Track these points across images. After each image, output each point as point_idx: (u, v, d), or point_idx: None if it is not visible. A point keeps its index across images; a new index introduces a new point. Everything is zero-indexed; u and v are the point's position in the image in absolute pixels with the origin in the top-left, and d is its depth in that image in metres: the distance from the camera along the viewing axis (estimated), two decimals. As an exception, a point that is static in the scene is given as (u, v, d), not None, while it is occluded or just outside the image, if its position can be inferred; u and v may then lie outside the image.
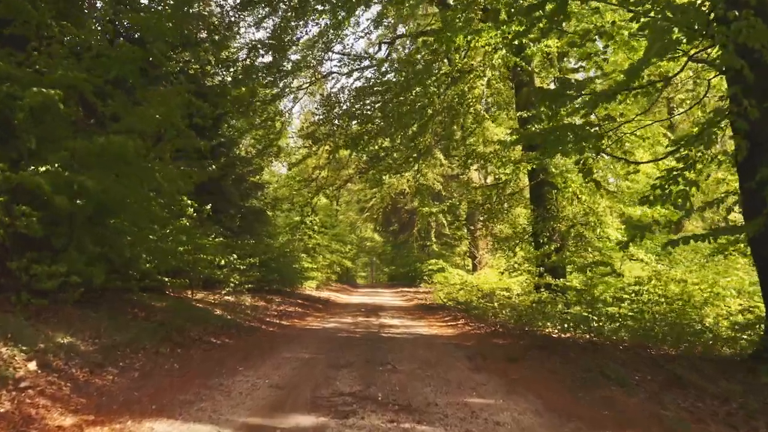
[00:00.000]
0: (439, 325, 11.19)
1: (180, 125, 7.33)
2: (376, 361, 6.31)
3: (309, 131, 14.10)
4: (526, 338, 8.56)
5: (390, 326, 10.60)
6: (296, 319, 11.66)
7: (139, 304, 8.51)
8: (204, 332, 7.99)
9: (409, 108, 13.02)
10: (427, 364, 6.26)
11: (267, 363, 6.15)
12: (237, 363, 6.12)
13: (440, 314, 13.56)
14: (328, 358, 6.56)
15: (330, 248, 24.14)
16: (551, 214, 12.72)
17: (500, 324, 10.55)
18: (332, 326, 10.45)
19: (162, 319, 7.97)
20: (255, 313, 11.20)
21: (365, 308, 15.26)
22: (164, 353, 6.34)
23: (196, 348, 6.96)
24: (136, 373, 5.42)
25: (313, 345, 7.72)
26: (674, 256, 14.39)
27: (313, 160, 20.66)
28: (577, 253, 11.60)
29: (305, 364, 6.14)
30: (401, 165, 15.32)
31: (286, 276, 17.22)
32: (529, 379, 5.55)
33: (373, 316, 12.72)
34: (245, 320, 10.01)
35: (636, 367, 6.32)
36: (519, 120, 13.54)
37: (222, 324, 8.97)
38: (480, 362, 6.44)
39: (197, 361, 6.24)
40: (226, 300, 12.12)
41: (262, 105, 15.77)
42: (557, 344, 7.93)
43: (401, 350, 7.28)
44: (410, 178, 20.12)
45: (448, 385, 5.19)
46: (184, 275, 11.17)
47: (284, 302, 14.40)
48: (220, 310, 10.45)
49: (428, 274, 22.90)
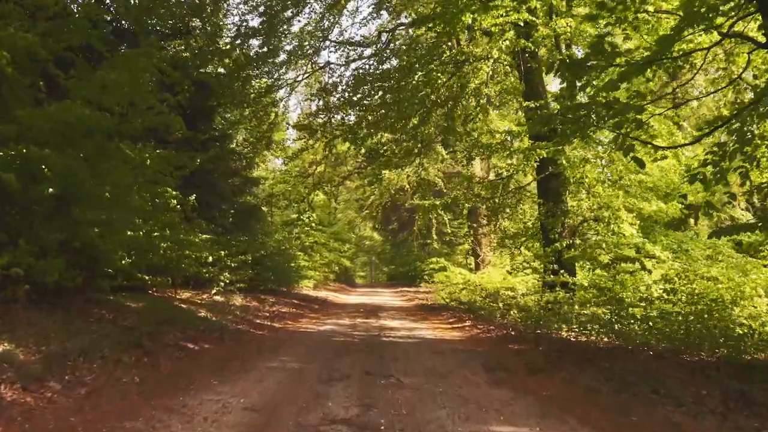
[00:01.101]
0: (444, 327, 10.10)
1: (150, 98, 6.23)
2: (377, 373, 5.23)
3: (305, 122, 13.01)
4: (543, 343, 7.49)
5: (391, 329, 9.51)
6: (289, 320, 10.57)
7: (109, 304, 7.42)
8: (181, 337, 6.89)
9: (411, 96, 11.96)
10: (437, 376, 5.18)
11: (247, 375, 5.06)
12: (212, 375, 5.03)
13: (443, 315, 12.48)
14: (321, 368, 5.47)
15: (328, 246, 23.03)
16: (561, 209, 11.70)
17: (511, 326, 9.48)
18: (328, 329, 9.36)
19: (133, 322, 6.87)
20: (244, 315, 10.10)
21: (364, 309, 14.17)
22: (126, 363, 5.24)
23: (168, 356, 5.86)
24: (84, 389, 4.32)
25: (304, 351, 6.63)
26: (691, 254, 13.34)
27: (309, 155, 19.58)
28: (591, 250, 10.51)
29: (293, 377, 5.05)
30: (402, 158, 14.26)
31: (282, 275, 16.12)
32: (564, 396, 4.47)
33: (373, 318, 11.64)
34: (232, 322, 8.92)
35: (682, 379, 5.27)
36: (525, 111, 12.53)
37: (205, 327, 7.88)
38: (499, 374, 5.36)
39: (165, 372, 5.15)
40: (214, 300, 11.03)
41: (257, 98, 14.71)
42: (580, 350, 6.88)
43: (405, 358, 6.20)
44: (410, 174, 19.06)
45: (465, 405, 4.11)
46: (168, 273, 10.12)
47: (278, 302, 13.31)
48: (206, 311, 9.35)
49: (429, 274, 21.80)
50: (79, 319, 6.17)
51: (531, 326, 9.30)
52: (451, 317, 11.88)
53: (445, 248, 26.50)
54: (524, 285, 15.80)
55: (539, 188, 12.45)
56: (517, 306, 14.19)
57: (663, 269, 9.82)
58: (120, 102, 6.02)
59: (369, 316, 12.09)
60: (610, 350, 6.92)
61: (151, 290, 10.12)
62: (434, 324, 10.69)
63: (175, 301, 9.74)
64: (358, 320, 10.93)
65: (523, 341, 7.74)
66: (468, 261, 20.64)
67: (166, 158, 7.53)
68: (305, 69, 15.50)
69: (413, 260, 27.03)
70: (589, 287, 9.72)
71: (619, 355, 6.59)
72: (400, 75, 11.06)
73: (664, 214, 13.27)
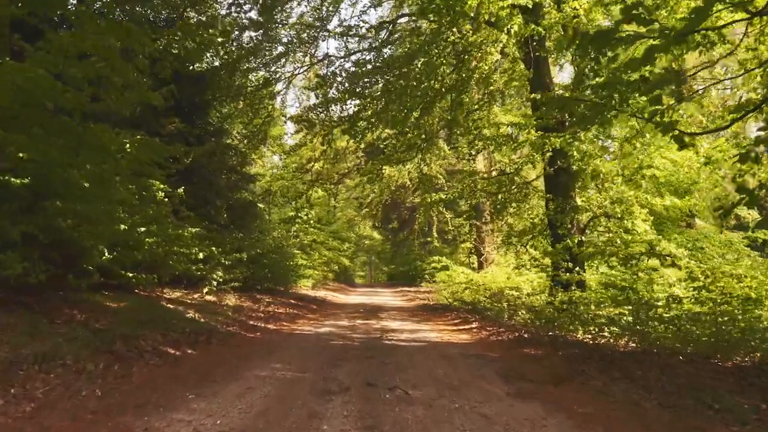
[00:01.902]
0: (450, 329, 9.34)
1: (125, 70, 5.46)
2: (381, 383, 4.47)
3: (303, 115, 12.25)
4: (561, 346, 6.75)
5: (393, 331, 8.75)
6: (285, 322, 9.80)
7: (85, 304, 6.66)
8: (163, 340, 6.12)
9: (413, 85, 11.21)
10: (450, 387, 4.42)
11: (230, 387, 4.29)
12: (190, 386, 4.27)
13: (447, 316, 11.73)
14: (316, 378, 4.71)
15: (327, 245, 22.25)
16: (570, 205, 10.98)
17: (521, 328, 8.73)
18: (326, 331, 8.60)
19: (109, 323, 6.11)
20: (237, 316, 9.34)
21: (364, 309, 13.40)
22: (91, 372, 4.48)
23: (143, 363, 5.09)
24: (31, 404, 3.56)
25: (299, 357, 5.87)
26: (707, 252, 12.60)
27: (308, 151, 18.82)
28: (605, 246, 9.76)
29: (283, 390, 4.29)
30: (404, 152, 13.51)
31: (279, 274, 15.34)
32: (603, 413, 3.71)
33: (373, 319, 10.87)
34: (223, 324, 8.15)
35: (729, 388, 4.54)
36: (532, 104, 11.80)
37: (191, 329, 7.11)
38: (521, 384, 4.60)
39: (136, 383, 4.38)
40: (206, 300, 10.26)
41: (254, 91, 13.97)
42: (602, 355, 6.13)
43: (412, 365, 5.43)
44: (412, 170, 18.32)
45: (489, 426, 3.36)
46: (155, 271, 9.36)
47: (275, 302, 12.55)
48: (195, 311, 8.59)
49: (430, 273, 21.06)
50: (45, 320, 5.41)
51: (543, 328, 8.56)
52: (455, 318, 11.12)
53: (446, 247, 25.75)
54: (529, 284, 15.10)
55: (547, 183, 11.75)
56: (523, 306, 13.48)
57: (681, 267, 9.11)
58: (88, 75, 5.25)
59: (369, 316, 11.33)
60: (634, 354, 6.19)
61: (138, 289, 9.37)
62: (438, 325, 9.93)
63: (162, 300, 8.98)
64: (357, 321, 10.17)
65: (539, 345, 6.98)
66: (471, 260, 19.88)
67: (149, 145, 6.76)
68: (303, 61, 14.78)
69: (413, 259, 26.26)
70: (604, 286, 8.98)
71: (646, 360, 5.86)
72: (402, 62, 10.31)
73: (678, 210, 12.53)
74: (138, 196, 8.87)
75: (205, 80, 13.70)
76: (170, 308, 8.41)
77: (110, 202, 7.38)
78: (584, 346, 6.96)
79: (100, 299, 7.42)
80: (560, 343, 7.11)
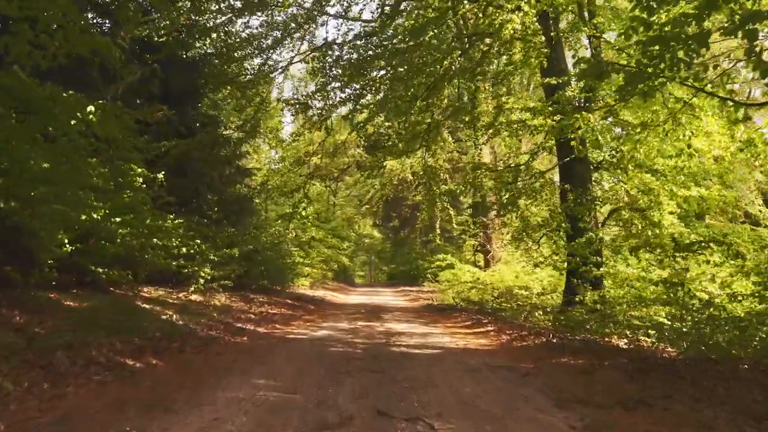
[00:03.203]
0: (463, 332, 8.11)
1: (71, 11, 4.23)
2: (396, 411, 3.24)
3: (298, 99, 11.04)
4: (602, 354, 5.53)
5: (400, 334, 7.51)
6: (279, 324, 8.55)
7: (30, 303, 5.42)
8: (122, 348, 4.88)
9: (420, 63, 10.02)
10: (488, 417, 3.19)
11: (190, 417, 3.06)
12: (131, 418, 3.03)
13: (457, 317, 10.49)
14: (309, 401, 3.48)
15: (326, 243, 20.98)
16: (588, 196, 9.82)
17: (544, 331, 7.50)
18: (324, 335, 7.36)
19: (57, 327, 4.87)
20: (223, 317, 8.09)
21: (365, 310, 12.16)
22: (7, 393, 3.24)
23: (85, 379, 3.85)
24: None
25: (289, 370, 4.63)
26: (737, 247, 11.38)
27: (305, 144, 17.60)
28: (643, 239, 8.55)
29: (262, 422, 3.05)
30: (409, 142, 12.30)
31: (275, 272, 14.10)
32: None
33: (376, 320, 9.63)
34: (205, 327, 6.90)
35: None
36: (546, 90, 10.66)
37: (164, 334, 5.87)
38: (582, 411, 3.37)
39: (58, 411, 3.14)
40: (190, 300, 9.02)
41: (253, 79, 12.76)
42: (658, 365, 4.92)
43: (430, 381, 4.20)
44: (414, 164, 17.10)
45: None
46: (132, 266, 8.14)
47: (269, 302, 11.30)
48: (175, 312, 7.34)
49: (433, 272, 19.81)
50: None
51: (569, 331, 7.36)
52: (466, 319, 9.89)
53: (447, 245, 24.51)
54: (539, 283, 13.93)
55: (562, 174, 10.58)
56: (534, 306, 12.30)
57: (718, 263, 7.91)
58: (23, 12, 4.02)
59: (371, 318, 10.08)
60: (695, 364, 4.97)
61: (114, 287, 8.14)
62: (450, 328, 8.69)
63: (139, 300, 7.73)
64: (359, 323, 8.92)
65: (574, 352, 5.76)
66: (476, 258, 18.64)
67: (113, 111, 5.52)
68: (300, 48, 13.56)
69: (415, 258, 24.99)
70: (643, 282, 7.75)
71: (712, 371, 4.68)
72: (408, 35, 9.10)
73: (705, 202, 11.29)
74: (114, 183, 7.70)
75: (197, 67, 12.51)
76: (145, 309, 7.16)
77: (74, 186, 6.21)
78: (628, 353, 5.75)
79: (60, 299, 6.18)
80: (598, 350, 5.90)
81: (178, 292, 9.38)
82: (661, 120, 7.07)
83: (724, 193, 10.81)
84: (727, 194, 11.04)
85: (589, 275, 8.07)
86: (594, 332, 7.10)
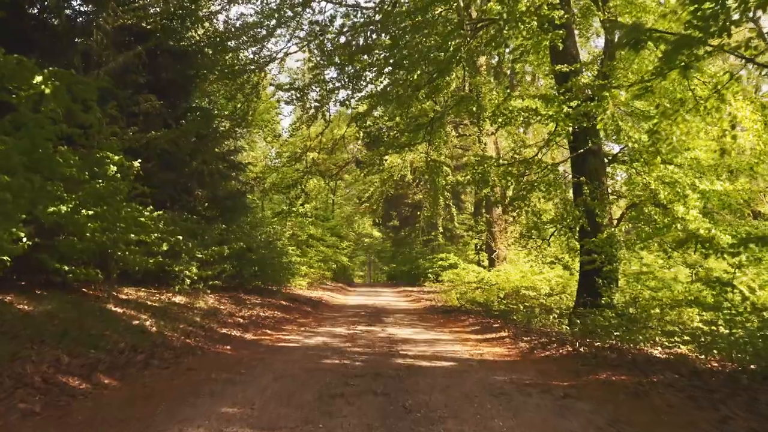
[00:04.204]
0: (475, 338, 7.15)
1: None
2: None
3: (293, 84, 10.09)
4: (646, 368, 4.60)
5: (405, 342, 6.55)
6: (269, 329, 7.59)
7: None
8: (69, 364, 3.91)
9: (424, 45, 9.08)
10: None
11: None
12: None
13: (464, 320, 9.55)
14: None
15: (325, 242, 19.99)
16: (603, 190, 8.97)
17: (571, 339, 6.53)
18: (318, 343, 6.39)
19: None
20: (207, 322, 7.13)
21: (365, 312, 11.20)
22: None
23: (5, 407, 2.89)
24: None
25: (271, 392, 3.67)
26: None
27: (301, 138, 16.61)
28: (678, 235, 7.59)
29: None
30: (411, 134, 11.37)
31: (270, 271, 13.12)
32: None
33: (377, 324, 8.67)
34: (182, 335, 5.94)
35: None
36: (557, 78, 9.77)
37: (129, 344, 4.90)
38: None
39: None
40: (173, 302, 8.05)
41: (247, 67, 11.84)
42: (717, 381, 3.98)
43: (450, 409, 3.24)
44: (415, 159, 16.17)
45: None
46: (105, 264, 7.18)
47: (262, 304, 10.34)
48: (150, 317, 6.37)
49: (435, 272, 18.85)
50: None
51: (589, 336, 6.44)
52: (475, 323, 8.94)
53: (448, 244, 23.56)
54: (546, 283, 13.01)
55: (574, 167, 9.70)
56: (543, 307, 11.41)
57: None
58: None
59: (372, 321, 9.12)
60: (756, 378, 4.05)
61: (87, 288, 7.17)
62: (459, 334, 7.73)
63: (112, 302, 6.75)
64: (358, 328, 7.96)
65: (612, 365, 4.80)
66: (481, 257, 17.67)
67: (66, 78, 4.57)
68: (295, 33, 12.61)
69: (415, 258, 24.01)
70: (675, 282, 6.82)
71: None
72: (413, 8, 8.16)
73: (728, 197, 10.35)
74: (89, 172, 6.78)
75: (189, 57, 11.59)
76: (115, 313, 6.19)
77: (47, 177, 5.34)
78: (672, 365, 4.80)
79: (10, 301, 5.22)
80: (637, 362, 4.96)
81: (163, 294, 8.43)
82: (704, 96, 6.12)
83: (752, 187, 9.90)
84: (754, 188, 10.12)
85: (614, 274, 7.14)
86: (623, 339, 6.18)
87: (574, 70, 9.09)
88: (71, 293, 6.75)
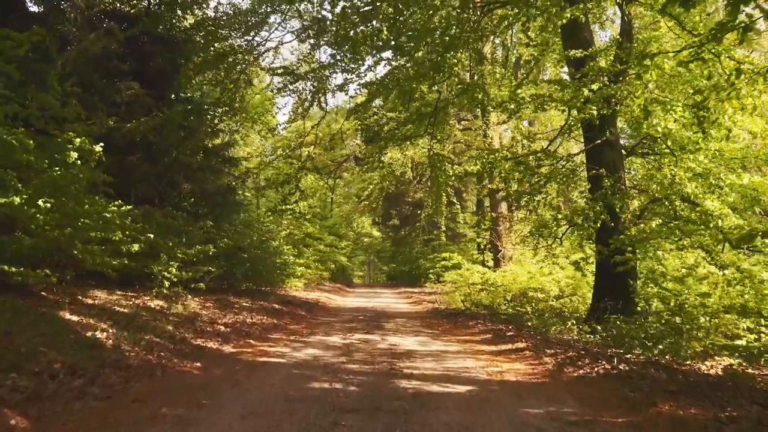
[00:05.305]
0: (488, 349, 6.12)
1: None
2: None
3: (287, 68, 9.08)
4: (706, 393, 3.59)
5: (409, 356, 5.52)
6: (253, 339, 6.56)
7: None
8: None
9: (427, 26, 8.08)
10: None
11: None
12: None
13: (472, 326, 8.52)
14: None
15: (323, 241, 18.94)
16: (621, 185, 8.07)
17: (602, 351, 5.50)
18: (307, 357, 5.36)
19: None
20: (183, 331, 6.09)
21: (364, 316, 10.17)
22: None
23: None
24: None
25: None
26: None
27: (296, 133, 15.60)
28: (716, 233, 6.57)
29: None
30: (413, 125, 10.38)
31: (263, 272, 12.10)
32: None
33: (377, 332, 7.64)
34: (145, 349, 4.90)
35: None
36: (572, 63, 8.88)
37: (64, 365, 3.86)
38: None
39: None
40: (148, 307, 7.01)
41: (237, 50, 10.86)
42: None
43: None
44: (416, 154, 15.15)
45: None
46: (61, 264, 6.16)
47: (252, 307, 9.31)
48: (113, 326, 5.34)
49: (436, 272, 17.82)
50: None
51: (619, 347, 5.44)
52: (485, 330, 7.92)
53: (450, 243, 22.54)
54: (556, 284, 12.05)
55: (589, 160, 8.79)
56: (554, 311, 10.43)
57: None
58: None
59: (371, 328, 8.08)
60: None
61: (45, 291, 6.14)
62: (469, 344, 6.70)
63: (70, 308, 5.71)
64: (355, 337, 6.92)
65: (666, 391, 3.78)
66: (485, 257, 16.63)
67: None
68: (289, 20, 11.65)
69: (416, 258, 22.97)
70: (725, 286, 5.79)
71: None
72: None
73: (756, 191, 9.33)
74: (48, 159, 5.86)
75: (178, 45, 10.62)
76: (68, 321, 5.15)
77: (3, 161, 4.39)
78: (734, 389, 3.79)
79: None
80: (703, 386, 3.94)
81: (138, 297, 7.40)
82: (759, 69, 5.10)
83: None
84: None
85: (650, 276, 6.13)
86: (664, 353, 5.17)
87: (590, 54, 8.18)
88: (27, 297, 5.73)
